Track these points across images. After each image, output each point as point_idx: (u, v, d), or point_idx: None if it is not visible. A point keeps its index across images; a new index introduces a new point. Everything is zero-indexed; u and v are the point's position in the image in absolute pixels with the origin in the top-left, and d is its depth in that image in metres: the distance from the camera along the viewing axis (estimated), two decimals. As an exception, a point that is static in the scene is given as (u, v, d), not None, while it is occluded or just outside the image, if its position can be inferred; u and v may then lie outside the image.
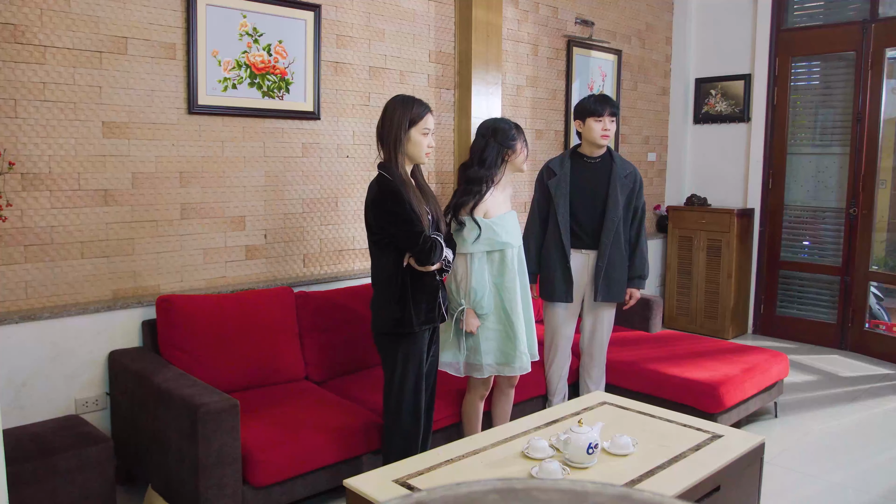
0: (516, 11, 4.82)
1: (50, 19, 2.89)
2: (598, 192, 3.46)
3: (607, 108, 3.39)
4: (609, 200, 3.44)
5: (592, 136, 3.42)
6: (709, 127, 6.10)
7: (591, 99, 3.45)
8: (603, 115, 3.38)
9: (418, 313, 2.64)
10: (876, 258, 5.30)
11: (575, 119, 3.52)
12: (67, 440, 2.55)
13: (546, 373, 3.60)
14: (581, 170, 3.48)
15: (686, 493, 2.22)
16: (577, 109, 3.50)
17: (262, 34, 3.50)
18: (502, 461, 2.38)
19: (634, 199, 3.52)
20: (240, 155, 3.50)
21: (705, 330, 5.61)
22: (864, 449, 3.56)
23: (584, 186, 3.47)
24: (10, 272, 2.86)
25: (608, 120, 3.39)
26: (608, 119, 3.39)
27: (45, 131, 2.91)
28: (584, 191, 3.46)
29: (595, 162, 3.49)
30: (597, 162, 3.49)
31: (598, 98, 3.44)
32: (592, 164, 3.48)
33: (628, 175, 3.50)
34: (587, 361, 3.64)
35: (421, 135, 2.63)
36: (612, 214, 3.43)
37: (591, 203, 3.47)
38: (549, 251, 3.48)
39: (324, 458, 2.74)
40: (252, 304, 3.25)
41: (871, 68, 5.13)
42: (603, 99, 3.43)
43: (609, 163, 3.49)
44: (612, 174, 3.46)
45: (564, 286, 3.46)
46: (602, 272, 3.46)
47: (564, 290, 3.47)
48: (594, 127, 3.40)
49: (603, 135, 3.39)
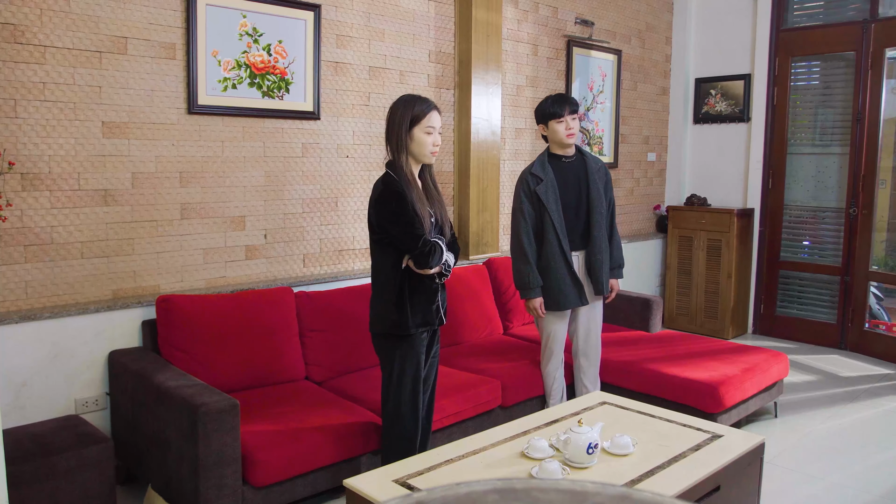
0: (516, 11, 4.82)
1: (50, 19, 2.89)
2: (580, 191, 3.45)
3: (566, 108, 3.36)
4: (592, 196, 3.44)
5: (558, 137, 3.39)
6: (709, 127, 6.10)
7: (548, 101, 3.40)
8: (563, 115, 3.35)
9: (415, 315, 2.62)
10: (876, 258, 5.30)
11: (538, 123, 3.47)
12: (67, 440, 2.55)
13: (543, 375, 3.58)
14: (561, 171, 3.44)
15: (686, 493, 2.22)
16: (537, 114, 3.45)
17: (262, 34, 3.50)
18: (502, 461, 2.38)
19: (608, 193, 3.54)
20: (240, 155, 3.50)
21: (705, 330, 5.62)
22: (864, 449, 3.56)
23: (568, 187, 3.44)
24: (10, 272, 2.86)
25: (570, 119, 3.37)
26: (569, 118, 3.37)
27: (45, 131, 2.91)
28: (568, 192, 3.44)
29: (571, 161, 3.47)
30: (572, 161, 3.47)
31: (555, 99, 3.38)
32: (569, 164, 3.46)
33: (600, 169, 3.52)
34: (584, 364, 3.57)
35: (425, 133, 2.60)
36: (598, 209, 3.44)
37: (577, 203, 3.45)
38: (550, 260, 3.38)
39: (324, 458, 2.74)
40: (252, 304, 3.25)
41: (871, 68, 5.13)
42: (560, 99, 3.38)
43: (582, 160, 3.49)
44: (588, 170, 3.47)
45: (576, 290, 3.41)
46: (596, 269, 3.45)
47: (577, 294, 3.42)
48: (557, 129, 3.37)
49: (568, 134, 3.37)
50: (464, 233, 4.49)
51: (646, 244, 5.99)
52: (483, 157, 4.49)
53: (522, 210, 3.40)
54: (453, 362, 3.64)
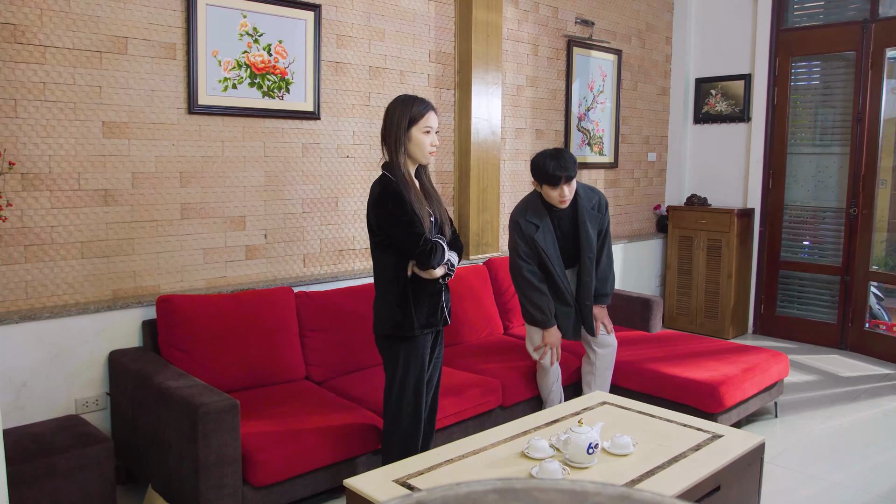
0: (516, 11, 4.82)
1: (50, 19, 2.89)
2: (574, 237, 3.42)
3: (563, 177, 3.21)
4: (582, 242, 3.39)
5: (551, 201, 3.31)
6: (709, 127, 6.10)
7: (548, 162, 3.22)
8: (559, 184, 3.23)
9: (419, 316, 2.62)
10: (876, 258, 5.30)
11: (532, 178, 3.35)
12: (67, 440, 2.55)
13: (539, 387, 3.55)
14: (555, 217, 3.38)
15: (686, 493, 2.22)
16: (533, 170, 3.29)
17: (263, 34, 3.50)
18: (502, 461, 2.38)
19: (603, 226, 3.49)
20: (240, 155, 3.50)
21: (705, 330, 5.61)
22: (864, 449, 3.56)
23: (562, 234, 3.41)
24: (10, 272, 2.86)
25: (566, 187, 3.25)
26: (566, 187, 3.25)
27: (46, 131, 2.91)
28: (563, 238, 3.41)
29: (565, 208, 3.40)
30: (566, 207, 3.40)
31: (553, 164, 3.20)
32: (563, 210, 3.38)
33: (593, 207, 3.43)
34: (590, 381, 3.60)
35: (422, 133, 2.59)
36: (587, 254, 3.41)
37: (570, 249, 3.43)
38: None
39: (324, 458, 2.74)
40: (252, 304, 3.25)
41: (872, 68, 5.13)
42: (559, 165, 3.20)
43: (574, 202, 3.38)
44: (580, 212, 3.37)
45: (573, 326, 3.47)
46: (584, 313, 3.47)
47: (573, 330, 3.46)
48: (552, 195, 3.27)
49: (561, 201, 3.27)
50: (464, 233, 4.49)
51: (646, 244, 5.98)
52: (483, 157, 4.49)
53: (520, 252, 3.36)
54: (454, 362, 3.64)
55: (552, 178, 3.22)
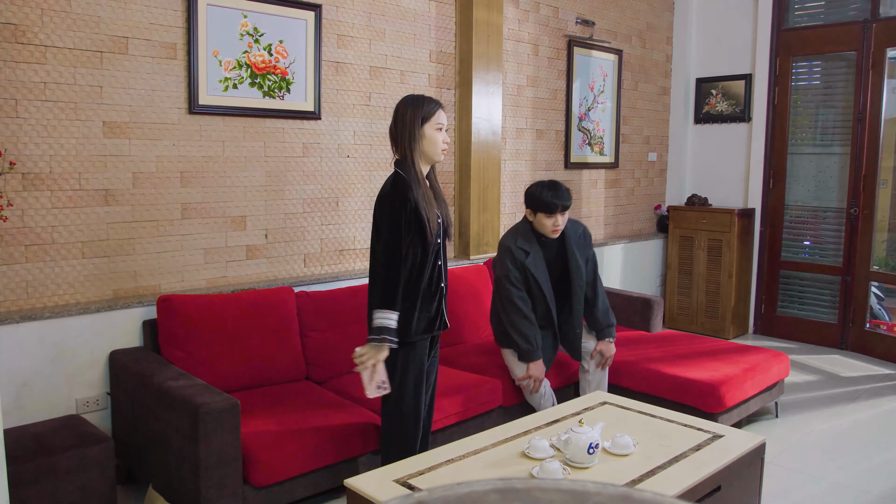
0: (517, 11, 4.82)
1: (51, 19, 2.89)
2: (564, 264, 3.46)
3: (559, 207, 3.30)
4: (572, 269, 3.44)
5: (544, 230, 3.37)
6: (709, 127, 6.10)
7: (544, 192, 3.31)
8: (555, 213, 3.31)
9: (419, 322, 2.61)
10: (877, 258, 5.30)
11: (526, 206, 3.41)
12: (68, 440, 2.55)
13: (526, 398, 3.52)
14: (545, 244, 3.43)
15: (687, 493, 2.22)
16: (528, 200, 3.37)
17: (263, 34, 3.50)
18: (503, 461, 2.38)
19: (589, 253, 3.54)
20: (240, 155, 3.50)
21: (706, 330, 5.61)
22: (864, 449, 3.56)
23: (552, 261, 3.45)
24: (10, 272, 2.86)
25: (560, 216, 3.34)
26: (560, 216, 3.34)
27: (46, 131, 2.91)
28: (552, 265, 3.45)
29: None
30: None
31: (550, 193, 3.30)
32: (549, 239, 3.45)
33: (580, 234, 3.51)
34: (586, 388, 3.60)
35: (435, 130, 2.61)
36: (578, 281, 3.44)
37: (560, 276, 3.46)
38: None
39: (324, 457, 2.74)
40: (253, 304, 3.25)
41: (872, 68, 5.13)
42: (556, 195, 3.30)
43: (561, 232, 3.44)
44: (567, 241, 3.45)
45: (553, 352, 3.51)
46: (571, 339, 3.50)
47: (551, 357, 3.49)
48: (545, 223, 3.33)
49: (554, 230, 3.35)
50: (465, 233, 4.49)
51: (646, 244, 5.98)
52: (484, 156, 4.49)
53: (510, 278, 3.37)
54: (453, 362, 3.64)
55: (549, 206, 3.30)
